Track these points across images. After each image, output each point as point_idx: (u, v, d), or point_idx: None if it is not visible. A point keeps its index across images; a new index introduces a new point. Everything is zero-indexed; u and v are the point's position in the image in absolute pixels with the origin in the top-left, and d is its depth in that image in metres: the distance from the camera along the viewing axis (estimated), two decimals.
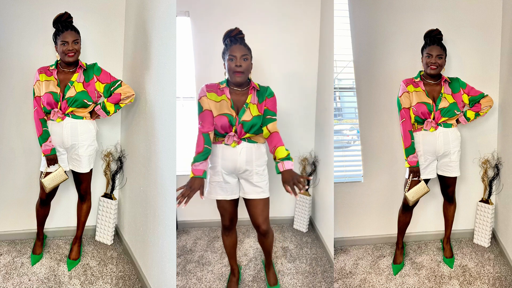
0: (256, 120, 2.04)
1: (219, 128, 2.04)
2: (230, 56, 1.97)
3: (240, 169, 2.09)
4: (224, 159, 2.08)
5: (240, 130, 2.04)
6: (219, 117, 2.03)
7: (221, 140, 2.08)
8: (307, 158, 3.23)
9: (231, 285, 2.46)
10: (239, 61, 1.96)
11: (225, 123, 2.02)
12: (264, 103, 2.08)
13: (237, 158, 2.07)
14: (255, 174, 2.09)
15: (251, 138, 2.09)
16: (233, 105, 2.05)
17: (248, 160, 2.08)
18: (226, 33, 2.04)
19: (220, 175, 2.10)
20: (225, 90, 2.06)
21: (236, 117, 2.03)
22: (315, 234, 3.18)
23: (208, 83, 2.09)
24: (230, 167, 2.09)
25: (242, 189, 2.15)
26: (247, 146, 2.08)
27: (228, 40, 2.02)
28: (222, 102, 2.04)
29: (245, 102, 2.06)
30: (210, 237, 3.16)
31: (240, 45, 1.98)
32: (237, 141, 2.05)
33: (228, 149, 2.07)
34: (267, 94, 2.09)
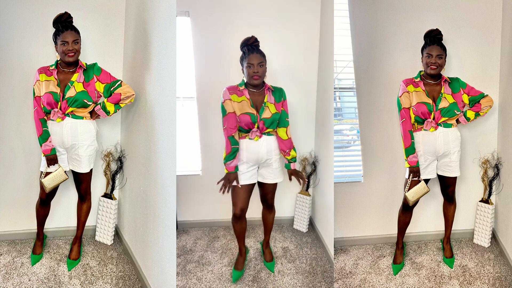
0: (274, 116, 2.35)
1: (243, 125, 2.33)
2: (248, 64, 2.26)
3: (262, 159, 2.41)
4: (248, 151, 2.38)
5: (262, 126, 2.35)
6: (242, 115, 2.31)
7: (245, 135, 2.37)
8: (307, 158, 3.23)
9: (238, 263, 2.67)
10: (256, 68, 2.26)
11: (248, 120, 2.31)
12: (281, 103, 2.39)
13: (260, 150, 2.38)
14: (274, 161, 2.44)
15: (270, 131, 2.40)
16: (252, 104, 2.33)
17: (269, 150, 2.40)
18: (243, 41, 2.32)
19: (244, 166, 2.40)
20: (244, 91, 2.34)
21: (257, 115, 2.32)
22: (315, 234, 3.18)
23: (228, 86, 2.35)
24: (253, 158, 2.40)
25: (261, 175, 2.47)
26: (267, 139, 2.39)
27: (246, 48, 2.30)
28: (243, 102, 2.32)
29: (263, 101, 2.36)
30: (210, 237, 3.16)
31: (256, 53, 2.27)
32: (259, 135, 2.36)
33: (252, 143, 2.37)
34: (283, 96, 2.41)
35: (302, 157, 3.22)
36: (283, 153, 2.45)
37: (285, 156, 2.45)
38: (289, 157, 2.44)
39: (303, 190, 3.27)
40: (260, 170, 2.47)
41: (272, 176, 2.46)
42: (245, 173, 2.40)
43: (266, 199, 2.58)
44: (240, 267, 2.64)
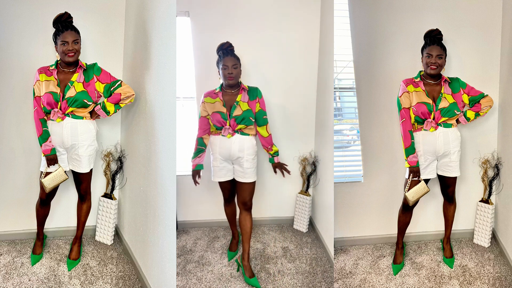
0: (245, 114, 2.49)
1: (216, 122, 2.50)
2: (223, 66, 2.46)
3: (233, 156, 2.55)
4: (221, 147, 2.55)
5: (233, 123, 2.50)
6: (214, 114, 2.50)
7: (219, 132, 2.54)
8: (307, 158, 3.22)
9: (232, 246, 2.93)
10: (231, 69, 2.45)
11: (219, 118, 2.49)
12: (255, 101, 2.53)
13: (231, 147, 2.53)
14: (245, 161, 2.55)
15: (243, 130, 2.53)
16: (225, 104, 2.51)
17: (241, 149, 2.53)
18: (219, 46, 2.49)
19: (218, 161, 2.58)
20: (218, 93, 2.54)
21: (228, 113, 2.48)
22: (315, 234, 3.18)
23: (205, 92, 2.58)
24: (225, 154, 2.55)
25: (235, 172, 2.60)
26: (240, 137, 2.53)
27: (221, 52, 2.48)
28: (216, 103, 2.52)
29: (235, 100, 2.52)
30: (210, 237, 3.16)
31: (231, 56, 2.46)
32: (231, 133, 2.51)
33: (224, 140, 2.53)
34: (258, 94, 2.55)
35: (302, 157, 3.22)
36: (266, 149, 2.65)
37: (268, 151, 2.65)
38: (272, 152, 2.65)
39: (303, 190, 3.27)
40: (234, 167, 2.61)
41: (243, 175, 2.56)
42: (220, 169, 2.59)
43: (242, 199, 2.61)
44: (234, 248, 2.91)
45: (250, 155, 2.55)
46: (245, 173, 2.55)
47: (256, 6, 3.00)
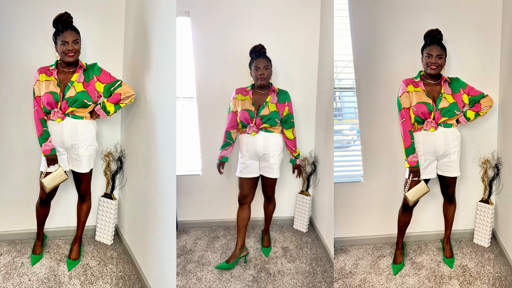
0: (272, 114, 2.61)
1: (243, 119, 2.63)
2: (255, 67, 2.58)
3: (259, 153, 2.66)
4: (247, 144, 2.67)
5: (258, 122, 2.62)
6: (242, 111, 2.62)
7: (245, 130, 2.67)
8: (307, 158, 3.23)
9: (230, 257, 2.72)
10: (262, 70, 2.57)
11: (246, 116, 2.61)
12: (284, 104, 2.65)
13: (256, 144, 2.64)
14: (271, 156, 2.66)
15: (268, 128, 2.65)
16: (253, 103, 2.63)
17: (265, 146, 2.64)
18: (252, 48, 2.61)
19: (245, 158, 2.68)
20: (249, 92, 2.66)
21: (255, 112, 2.61)
22: (315, 234, 3.18)
23: (237, 88, 2.69)
24: (252, 151, 2.66)
25: (261, 169, 2.71)
26: (264, 135, 2.65)
27: (254, 54, 2.60)
28: (246, 100, 2.64)
29: (265, 101, 2.63)
30: (210, 237, 3.16)
31: (263, 58, 2.58)
32: (255, 130, 2.62)
33: (250, 137, 2.66)
34: (288, 98, 2.67)
35: (302, 157, 3.22)
36: (289, 150, 2.77)
37: (291, 153, 2.78)
38: (295, 154, 2.78)
39: (303, 190, 3.27)
40: (260, 164, 2.71)
41: (269, 171, 2.69)
42: (247, 166, 2.67)
43: (266, 191, 2.81)
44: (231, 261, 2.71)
45: (276, 151, 2.67)
46: (271, 168, 2.67)
47: (256, 6, 3.00)
